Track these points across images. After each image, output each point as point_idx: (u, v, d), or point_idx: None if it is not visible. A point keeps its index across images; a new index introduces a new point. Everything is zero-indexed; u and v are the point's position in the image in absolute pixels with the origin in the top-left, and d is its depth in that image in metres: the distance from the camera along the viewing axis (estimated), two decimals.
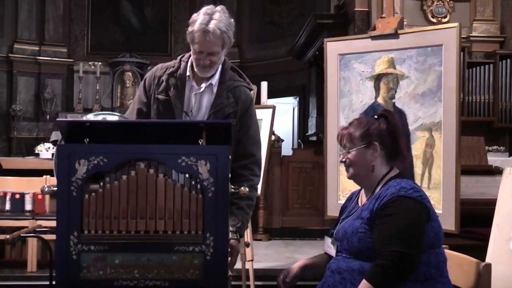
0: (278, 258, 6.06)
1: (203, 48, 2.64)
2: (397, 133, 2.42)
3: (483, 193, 4.85)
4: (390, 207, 2.21)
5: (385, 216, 2.21)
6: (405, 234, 2.14)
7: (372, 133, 2.39)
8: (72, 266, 1.98)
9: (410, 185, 2.28)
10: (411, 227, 2.16)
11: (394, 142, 2.41)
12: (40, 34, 13.39)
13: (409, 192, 2.23)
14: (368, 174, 2.39)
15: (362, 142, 2.39)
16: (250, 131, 2.81)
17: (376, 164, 2.39)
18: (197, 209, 1.99)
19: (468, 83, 8.05)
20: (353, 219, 2.34)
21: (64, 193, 1.98)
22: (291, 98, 13.17)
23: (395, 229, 2.16)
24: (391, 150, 2.41)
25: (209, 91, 2.79)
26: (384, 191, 2.28)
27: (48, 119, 12.77)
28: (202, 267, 1.99)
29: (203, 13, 2.64)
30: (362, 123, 2.44)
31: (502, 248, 3.26)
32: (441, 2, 8.17)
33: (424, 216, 2.22)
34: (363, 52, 4.02)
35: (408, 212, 2.18)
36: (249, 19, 13.85)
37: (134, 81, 13.31)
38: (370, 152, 2.38)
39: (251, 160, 2.79)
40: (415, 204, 2.21)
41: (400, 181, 2.30)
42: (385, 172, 2.39)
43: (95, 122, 2.36)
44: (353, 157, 2.40)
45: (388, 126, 2.41)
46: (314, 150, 8.26)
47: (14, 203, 5.54)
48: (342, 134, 2.46)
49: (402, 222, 2.16)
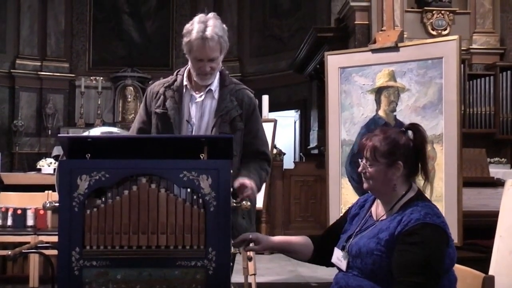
0: (280, 272, 6.04)
1: (203, 55, 2.68)
2: (423, 150, 2.27)
3: (486, 205, 4.84)
4: (416, 235, 2.11)
5: (409, 244, 2.11)
6: (428, 265, 2.07)
7: (398, 151, 2.23)
8: (74, 281, 1.97)
9: (434, 211, 2.18)
10: (434, 258, 2.09)
11: (417, 160, 2.27)
12: (42, 49, 13.45)
13: (433, 219, 2.13)
14: (389, 191, 2.27)
15: (386, 160, 2.23)
16: (259, 134, 2.89)
17: (398, 183, 2.25)
18: (199, 223, 1.99)
19: (469, 95, 8.05)
20: (369, 238, 2.23)
21: (66, 209, 1.98)
22: (293, 111, 13.18)
23: (419, 259, 2.07)
24: (413, 168, 2.27)
25: (210, 97, 2.82)
26: (408, 215, 2.16)
27: (50, 134, 12.78)
28: (204, 281, 1.99)
29: (197, 21, 2.68)
30: (389, 138, 2.25)
31: (505, 260, 3.25)
32: (441, 14, 8.20)
33: (445, 243, 2.15)
34: (364, 65, 4.03)
35: (433, 241, 2.10)
36: (250, 33, 13.91)
37: (135, 95, 13.34)
38: (392, 171, 2.23)
39: (262, 157, 2.88)
40: (439, 231, 2.13)
41: (423, 204, 2.20)
42: (405, 190, 2.27)
43: (96, 138, 2.36)
44: (374, 172, 2.25)
45: (414, 143, 2.26)
46: (316, 164, 8.26)
47: (16, 219, 5.53)
48: (366, 144, 2.28)
49: (426, 252, 2.08)
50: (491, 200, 4.80)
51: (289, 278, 5.80)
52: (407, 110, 3.83)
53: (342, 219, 2.51)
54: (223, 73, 2.87)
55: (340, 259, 2.33)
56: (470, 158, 5.49)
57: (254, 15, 13.91)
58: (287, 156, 8.84)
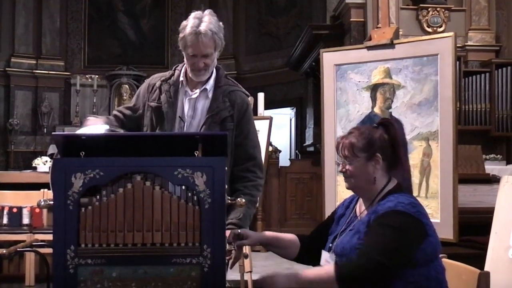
0: (277, 269, 6.03)
1: (197, 51, 2.67)
2: (398, 142, 2.33)
3: (481, 201, 4.85)
4: (385, 218, 2.16)
5: (377, 226, 2.16)
6: (391, 248, 2.09)
7: (375, 144, 2.29)
8: (69, 280, 1.96)
9: (409, 200, 2.21)
10: (399, 243, 2.11)
11: (394, 152, 2.32)
12: (37, 48, 13.40)
13: (406, 208, 2.17)
14: (369, 186, 2.31)
15: (365, 153, 2.28)
16: (250, 135, 2.85)
17: (378, 176, 2.29)
18: (194, 221, 1.98)
19: (464, 92, 8.08)
20: (352, 235, 2.27)
21: (61, 207, 1.97)
22: (288, 109, 13.17)
23: (383, 240, 2.11)
24: (391, 161, 2.32)
25: (204, 96, 2.81)
26: (382, 205, 2.21)
27: (46, 133, 12.74)
28: (199, 279, 1.98)
29: (193, 17, 2.68)
30: (364, 133, 2.32)
31: (501, 256, 3.26)
32: (437, 11, 8.21)
33: (418, 233, 2.16)
34: (359, 63, 4.03)
35: (401, 227, 2.13)
36: (246, 31, 13.90)
37: (131, 93, 13.30)
38: (372, 164, 2.28)
39: (252, 163, 2.82)
40: (411, 220, 2.15)
41: (398, 195, 2.24)
42: (384, 183, 2.31)
43: (91, 136, 2.35)
44: (354, 169, 2.29)
45: (389, 136, 2.32)
46: (311, 161, 8.27)
47: (11, 217, 5.53)
48: (342, 143, 2.34)
49: (392, 236, 2.11)
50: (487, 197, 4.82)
51: None
52: (402, 107, 3.83)
53: (329, 220, 2.55)
54: (219, 73, 2.85)
55: (328, 260, 2.37)
56: (465, 155, 5.50)
57: (250, 12, 13.90)
58: (282, 153, 8.84)
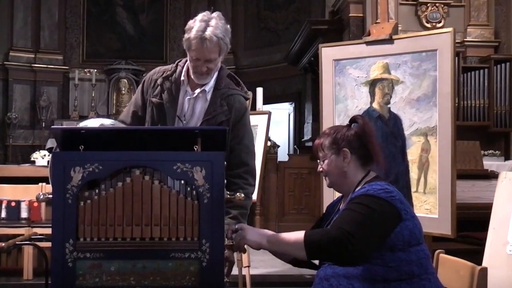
0: (275, 264, 6.04)
1: (200, 55, 2.63)
2: (366, 136, 2.39)
3: (479, 197, 4.86)
4: (357, 199, 2.23)
5: (349, 205, 2.23)
6: (360, 221, 2.13)
7: (339, 139, 2.38)
8: (67, 273, 1.96)
9: (382, 186, 2.25)
10: (369, 220, 2.14)
11: (364, 146, 2.38)
12: (35, 42, 13.37)
13: (378, 192, 2.22)
14: (343, 181, 2.39)
15: (331, 150, 2.38)
16: (244, 140, 2.81)
17: (349, 170, 2.37)
18: (193, 215, 1.99)
19: (463, 88, 8.08)
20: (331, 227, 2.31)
21: (60, 201, 1.97)
22: (287, 104, 13.18)
23: (353, 214, 2.16)
24: (363, 155, 2.38)
25: (203, 97, 2.78)
26: (356, 192, 2.29)
27: (44, 127, 12.73)
28: (198, 273, 1.98)
29: (200, 20, 2.62)
30: (330, 132, 2.44)
31: (499, 252, 3.26)
32: (436, 7, 8.20)
33: (390, 216, 2.19)
34: (358, 58, 4.03)
35: (373, 207, 2.17)
36: (244, 26, 13.88)
37: (129, 88, 13.31)
38: (340, 159, 2.37)
39: (244, 169, 2.78)
40: (383, 202, 2.19)
41: (373, 183, 2.29)
42: (361, 177, 2.37)
43: (90, 130, 2.35)
44: (326, 167, 2.40)
45: (357, 130, 2.41)
46: (310, 156, 8.26)
47: (10, 211, 5.53)
48: (315, 145, 2.46)
49: (363, 211, 2.16)
50: (485, 193, 4.83)
51: (283, 270, 5.81)
52: (401, 102, 3.83)
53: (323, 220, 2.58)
54: (221, 73, 2.81)
55: None
56: (464, 151, 5.51)
57: (249, 7, 13.89)
58: (281, 148, 8.85)
